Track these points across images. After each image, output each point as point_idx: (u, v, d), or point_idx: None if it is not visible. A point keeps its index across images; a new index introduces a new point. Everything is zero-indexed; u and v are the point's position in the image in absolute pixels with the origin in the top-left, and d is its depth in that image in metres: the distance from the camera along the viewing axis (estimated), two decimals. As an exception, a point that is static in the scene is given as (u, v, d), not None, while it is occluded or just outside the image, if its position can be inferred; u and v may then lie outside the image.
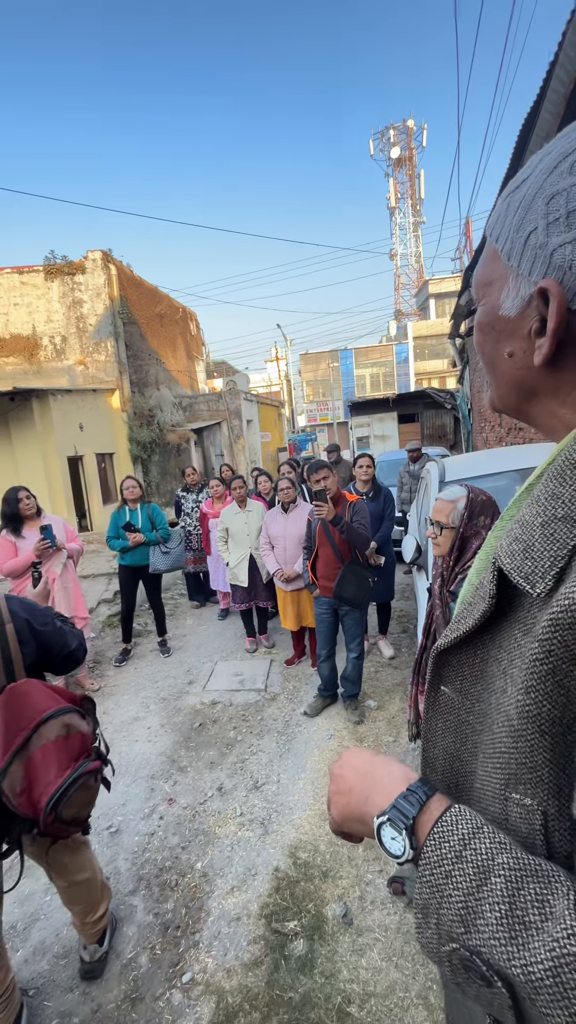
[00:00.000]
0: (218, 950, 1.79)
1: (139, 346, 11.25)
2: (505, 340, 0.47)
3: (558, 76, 3.12)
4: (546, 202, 0.40)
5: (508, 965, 0.36)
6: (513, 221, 0.43)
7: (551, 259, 0.40)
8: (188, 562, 5.58)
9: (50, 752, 1.31)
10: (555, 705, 0.38)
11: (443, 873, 0.41)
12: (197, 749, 3.03)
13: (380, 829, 0.47)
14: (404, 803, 0.46)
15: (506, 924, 0.36)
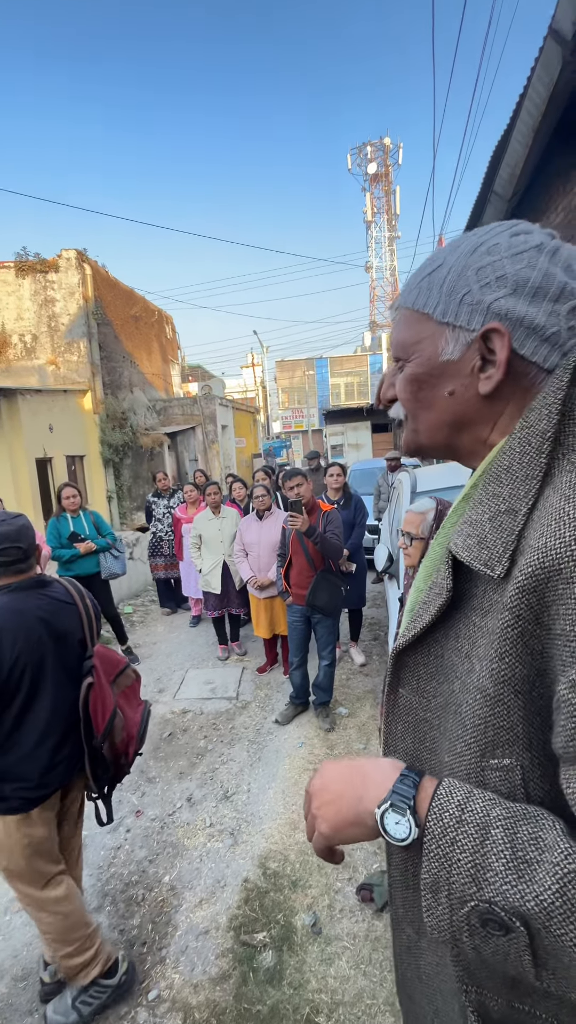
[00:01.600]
0: (185, 965, 1.77)
1: (113, 347, 11.08)
2: (446, 381, 0.56)
3: (527, 109, 3.28)
4: (475, 272, 0.52)
5: (522, 902, 0.40)
6: (444, 289, 0.54)
7: (489, 309, 0.51)
8: (160, 568, 5.51)
9: (130, 694, 1.67)
10: (525, 664, 0.45)
11: (449, 840, 0.44)
12: (166, 759, 2.98)
13: (383, 817, 0.50)
14: (401, 786, 0.50)
15: (512, 867, 0.41)
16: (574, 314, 0.49)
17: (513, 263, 0.50)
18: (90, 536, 4.05)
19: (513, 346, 0.50)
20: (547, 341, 0.50)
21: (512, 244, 0.51)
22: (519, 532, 0.47)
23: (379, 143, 37.55)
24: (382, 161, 37.77)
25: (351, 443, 21.31)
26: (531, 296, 0.49)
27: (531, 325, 0.50)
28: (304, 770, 2.76)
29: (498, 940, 0.42)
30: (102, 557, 4.14)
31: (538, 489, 0.48)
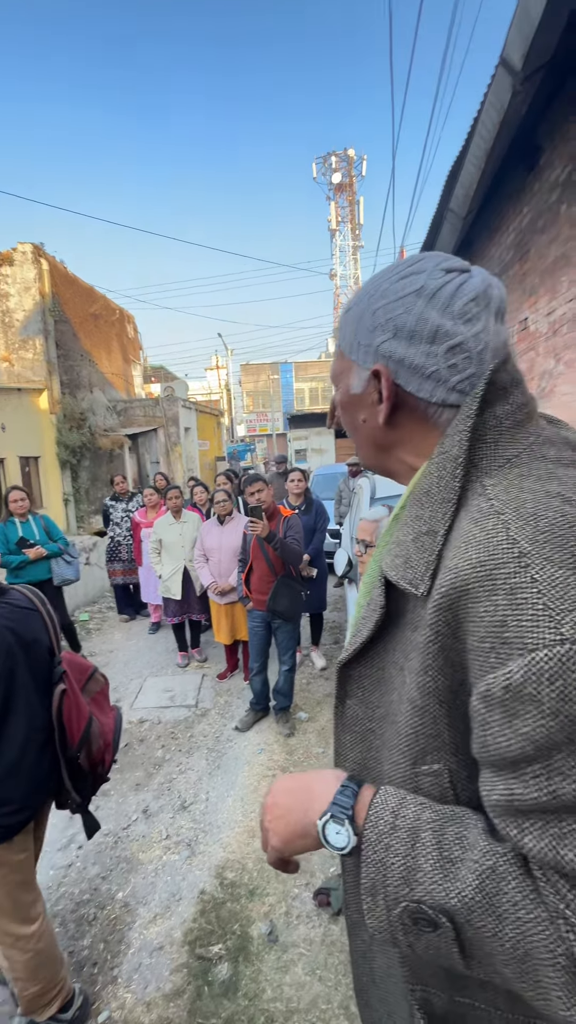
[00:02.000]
0: (138, 983, 1.72)
1: (71, 346, 10.75)
2: (358, 410, 0.62)
3: (480, 133, 3.43)
4: (370, 316, 0.57)
5: (447, 899, 0.43)
6: (350, 331, 0.60)
7: (377, 351, 0.57)
8: (118, 573, 5.37)
9: (100, 699, 1.62)
10: (446, 676, 0.48)
11: (383, 846, 0.48)
12: (122, 771, 2.90)
13: (324, 828, 0.52)
14: (341, 797, 0.52)
15: (439, 867, 0.45)
16: (452, 354, 0.53)
17: (394, 309, 0.55)
18: (40, 541, 3.90)
19: (399, 383, 0.56)
20: (429, 379, 0.54)
21: (395, 290, 0.55)
22: (439, 552, 0.50)
23: (343, 154, 38.27)
24: (346, 172, 38.49)
25: (315, 448, 21.49)
26: (408, 339, 0.54)
27: (411, 365, 0.54)
28: (263, 776, 2.75)
29: (429, 936, 0.45)
30: (54, 563, 4.00)
31: (454, 511, 0.50)
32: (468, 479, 0.51)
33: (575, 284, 3.83)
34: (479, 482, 0.50)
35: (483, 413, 0.51)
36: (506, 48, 2.87)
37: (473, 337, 0.52)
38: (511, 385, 0.52)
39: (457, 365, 0.53)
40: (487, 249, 5.70)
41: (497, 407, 0.52)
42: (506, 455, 0.51)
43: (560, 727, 0.38)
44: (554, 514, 0.43)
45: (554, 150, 3.95)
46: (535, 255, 4.46)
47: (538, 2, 2.48)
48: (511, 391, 0.52)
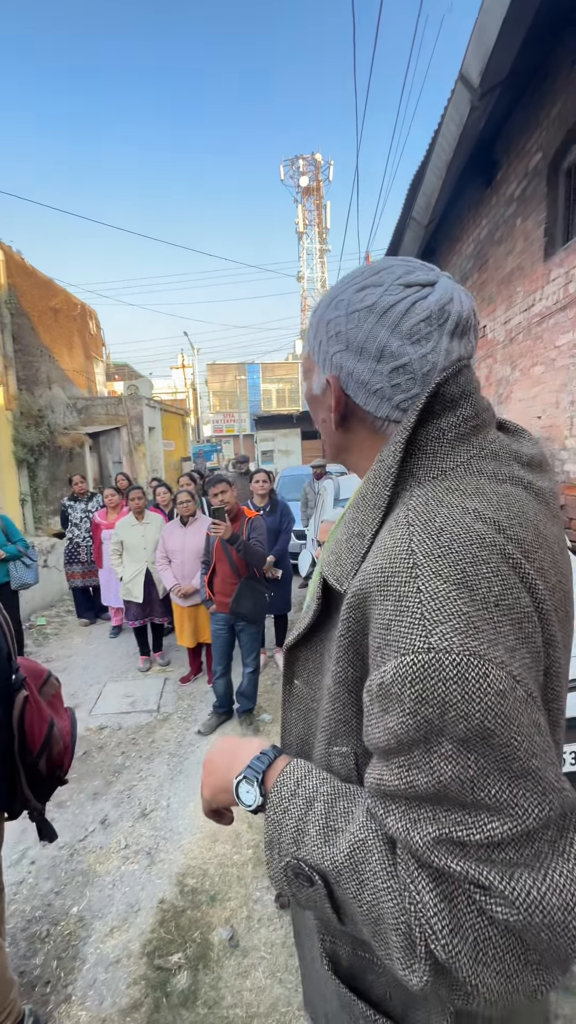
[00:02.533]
0: (93, 1000, 1.66)
1: (29, 340, 10.34)
2: (319, 410, 0.65)
3: (440, 145, 3.53)
4: (325, 325, 0.59)
5: (322, 861, 0.50)
6: (312, 335, 0.62)
7: (331, 360, 0.59)
8: (77, 576, 5.21)
9: (56, 703, 1.58)
10: (355, 667, 0.52)
11: (283, 809, 0.54)
12: (79, 780, 2.80)
13: (238, 786, 0.59)
14: (256, 762, 0.59)
15: (322, 834, 0.51)
16: (396, 374, 0.54)
17: (347, 322, 0.56)
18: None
19: (348, 394, 0.58)
20: (375, 395, 0.56)
21: (351, 302, 0.56)
22: (364, 554, 0.52)
23: (311, 158, 38.57)
24: (313, 175, 38.80)
25: (281, 449, 21.53)
26: (357, 355, 0.56)
27: (359, 380, 0.56)
28: (226, 780, 2.72)
29: (307, 890, 0.52)
30: (12, 566, 3.83)
31: (382, 517, 0.53)
32: (402, 487, 0.53)
33: (529, 295, 4.00)
34: (409, 492, 0.52)
35: (427, 425, 0.53)
36: (464, 65, 2.96)
37: (419, 358, 0.53)
38: (460, 398, 0.53)
39: (400, 385, 0.54)
40: (448, 257, 5.87)
41: (443, 419, 0.53)
42: (442, 467, 0.52)
43: (417, 726, 0.41)
44: (460, 530, 0.45)
45: (510, 166, 4.11)
46: (492, 265, 4.63)
47: (494, 23, 2.58)
48: (459, 404, 0.53)
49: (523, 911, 0.39)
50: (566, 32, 3.12)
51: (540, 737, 0.41)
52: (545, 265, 3.70)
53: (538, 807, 0.40)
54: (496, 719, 0.39)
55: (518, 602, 0.43)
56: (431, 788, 0.42)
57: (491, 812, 0.40)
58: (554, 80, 3.34)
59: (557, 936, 0.40)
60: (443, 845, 0.42)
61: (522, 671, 0.41)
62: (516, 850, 0.41)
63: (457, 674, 0.39)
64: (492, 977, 0.42)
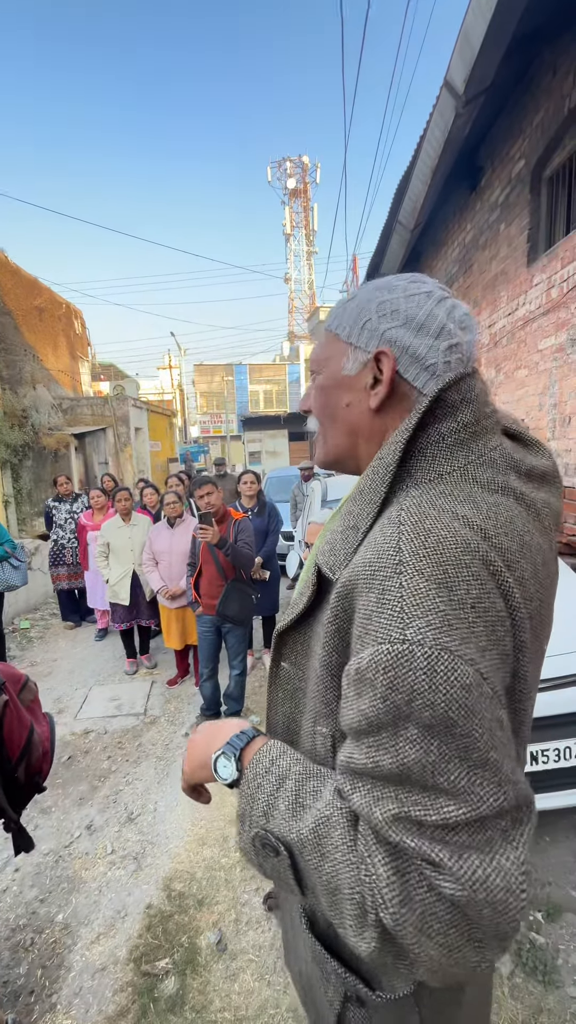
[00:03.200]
0: (79, 1008, 1.64)
1: (13, 339, 10.20)
2: (345, 393, 0.64)
3: (426, 151, 3.57)
4: (376, 305, 0.61)
5: (288, 834, 0.53)
6: (351, 316, 0.63)
7: (383, 336, 0.60)
8: (62, 578, 5.15)
9: (35, 708, 1.52)
10: (340, 653, 0.55)
11: (256, 784, 0.57)
12: (64, 786, 2.77)
13: (216, 761, 0.62)
14: (235, 739, 0.63)
15: (291, 809, 0.54)
16: (450, 351, 0.57)
17: (406, 302, 0.59)
18: (-18, 545, 3.67)
19: (398, 369, 0.59)
20: (426, 370, 0.58)
21: (408, 288, 0.60)
22: (356, 547, 0.55)
23: (298, 160, 38.67)
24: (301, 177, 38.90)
25: (269, 451, 21.53)
26: (416, 330, 0.58)
27: (414, 354, 0.58)
28: (214, 783, 2.71)
29: (272, 860, 0.55)
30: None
31: (377, 513, 0.55)
32: (399, 486, 0.56)
33: (513, 299, 4.06)
34: (406, 491, 0.55)
35: (427, 428, 0.55)
36: (449, 71, 3.00)
37: (468, 343, 0.58)
38: (461, 404, 0.56)
39: (451, 363, 0.58)
40: (434, 262, 5.93)
41: (443, 424, 0.55)
42: (439, 470, 0.55)
43: (387, 710, 0.45)
44: (447, 534, 0.47)
45: (494, 172, 4.17)
46: (477, 270, 4.69)
47: (478, 32, 2.61)
48: (460, 410, 0.56)
49: (468, 888, 0.43)
50: (548, 42, 3.18)
51: (501, 733, 0.44)
52: (528, 270, 3.76)
53: (493, 796, 0.43)
54: (459, 710, 0.42)
55: (493, 606, 0.46)
56: (395, 769, 0.45)
57: (449, 796, 0.43)
58: (536, 89, 3.40)
59: (498, 914, 0.43)
60: (401, 822, 0.45)
61: (490, 670, 0.44)
62: (470, 834, 0.44)
63: (427, 666, 0.42)
64: (435, 948, 0.45)
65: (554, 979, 1.61)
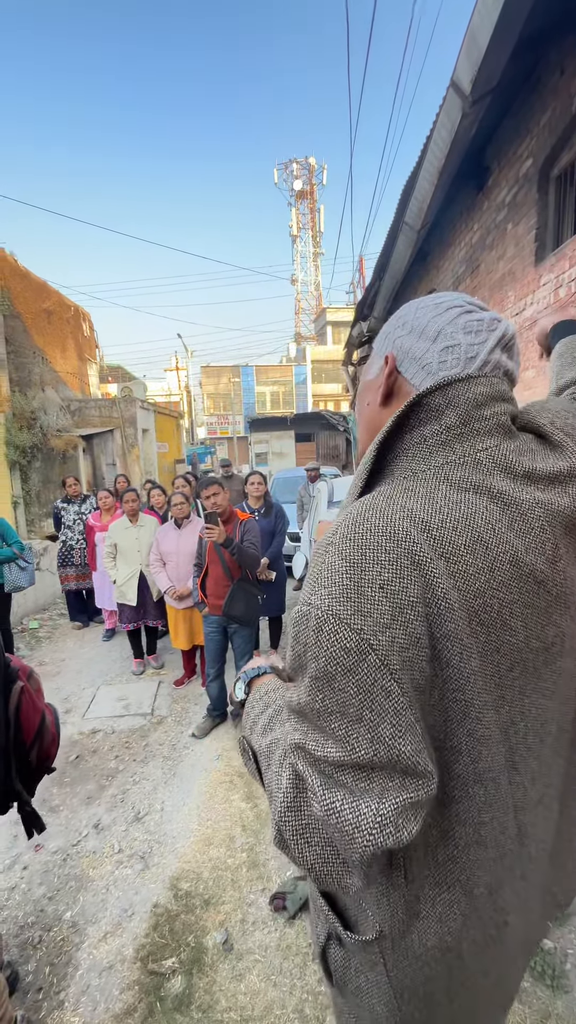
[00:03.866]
0: (86, 1006, 1.65)
1: (22, 342, 10.29)
2: (367, 394, 0.74)
3: (432, 151, 3.56)
4: (395, 320, 0.71)
5: (256, 745, 0.69)
6: (383, 333, 0.73)
7: (393, 343, 0.69)
8: (70, 579, 5.18)
9: (39, 695, 1.61)
10: None
11: (251, 705, 0.77)
12: (72, 785, 2.79)
13: (236, 684, 0.86)
14: (251, 671, 0.85)
15: (263, 728, 0.70)
16: (446, 352, 0.63)
17: (415, 314, 0.67)
18: (-10, 545, 3.71)
19: (399, 368, 0.67)
20: (423, 368, 0.64)
21: (422, 303, 0.68)
22: None
23: (304, 162, 38.72)
24: (307, 179, 38.95)
25: (275, 452, 21.54)
26: (417, 335, 0.65)
27: (413, 355, 0.66)
28: (220, 783, 2.72)
29: (249, 763, 0.71)
30: (6, 568, 3.81)
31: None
32: (377, 483, 0.63)
33: (520, 299, 4.04)
34: (379, 487, 0.61)
35: (412, 431, 0.61)
36: (456, 71, 2.99)
37: (467, 345, 0.62)
38: (446, 408, 0.59)
39: (447, 363, 0.62)
40: (441, 262, 5.91)
41: (426, 427, 0.60)
42: (413, 468, 0.60)
43: (294, 657, 0.55)
44: (378, 521, 0.53)
45: (501, 172, 4.16)
46: (484, 270, 4.67)
47: (485, 31, 2.61)
48: (444, 414, 0.59)
49: (324, 811, 0.53)
50: (554, 42, 3.17)
51: (384, 699, 0.49)
52: (536, 270, 3.74)
53: (365, 749, 0.50)
54: (338, 667, 0.50)
55: (405, 591, 0.50)
56: (298, 707, 0.55)
57: (332, 740, 0.52)
58: (543, 88, 3.39)
59: (346, 842, 0.52)
60: (300, 751, 0.56)
61: (387, 645, 0.49)
62: (354, 779, 0.52)
63: (316, 626, 0.51)
64: (313, 857, 0.57)
65: (562, 984, 1.59)
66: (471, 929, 0.63)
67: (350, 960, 0.70)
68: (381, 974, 0.67)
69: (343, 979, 0.73)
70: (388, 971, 0.66)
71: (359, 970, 0.69)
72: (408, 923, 0.63)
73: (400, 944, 0.64)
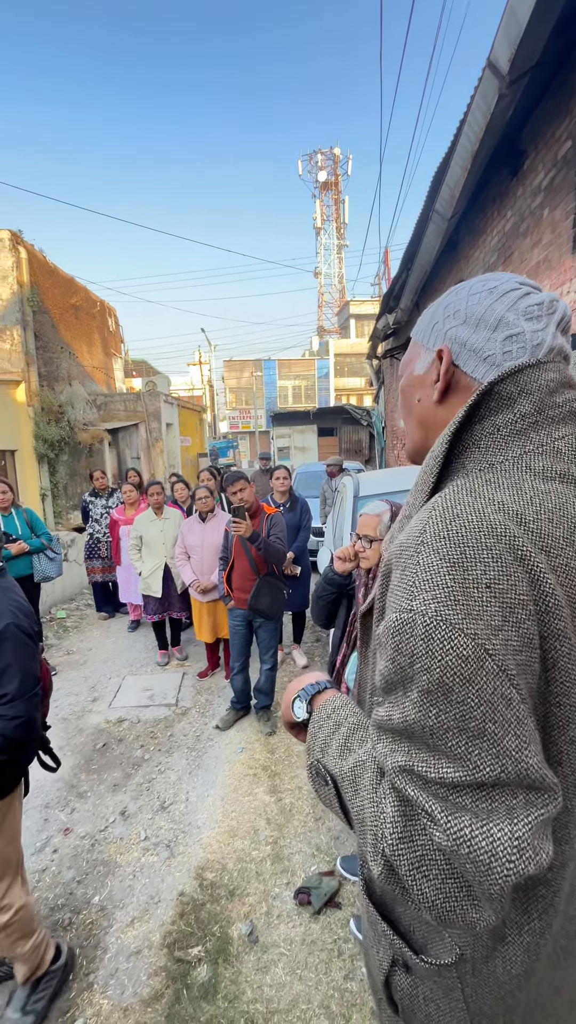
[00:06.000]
0: (115, 989, 1.68)
1: (50, 337, 10.49)
2: (417, 391, 0.70)
3: (466, 135, 3.45)
4: (444, 308, 0.66)
5: (334, 768, 0.63)
6: (426, 322, 0.69)
7: (445, 335, 0.65)
8: (96, 571, 5.28)
9: (46, 665, 1.67)
10: None
11: (319, 725, 0.70)
12: (99, 771, 2.84)
13: (293, 703, 0.77)
14: (310, 687, 0.77)
15: (339, 750, 0.64)
16: (509, 341, 0.59)
17: (467, 301, 0.63)
18: (23, 536, 3.79)
19: (457, 363, 0.63)
20: (484, 361, 0.61)
21: (472, 287, 0.64)
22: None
23: (329, 152, 38.23)
24: (332, 170, 38.46)
25: (297, 446, 21.51)
26: (474, 326, 0.61)
27: (472, 347, 0.61)
28: (244, 776, 2.73)
29: (324, 788, 0.65)
30: (35, 559, 3.89)
31: (424, 501, 0.59)
32: (449, 477, 0.59)
33: (556, 287, 3.89)
34: (454, 481, 0.57)
35: (483, 420, 0.57)
36: (493, 51, 2.88)
37: (531, 332, 0.59)
38: (519, 395, 0.56)
39: (512, 352, 0.59)
40: (471, 251, 5.75)
41: (498, 416, 0.57)
42: (490, 460, 0.57)
43: (394, 671, 0.51)
44: (473, 517, 0.50)
45: (537, 155, 4.00)
46: (518, 258, 4.52)
47: (525, 8, 2.50)
48: (517, 401, 0.56)
49: (452, 841, 0.47)
50: (599, 15, 3.01)
51: (505, 709, 0.46)
52: (573, 257, 3.59)
53: (489, 766, 0.45)
54: (454, 678, 0.45)
55: (513, 588, 0.47)
56: (402, 725, 0.50)
57: (448, 759, 0.47)
58: (585, 65, 3.23)
59: (480, 874, 0.46)
60: (407, 774, 0.51)
61: (501, 648, 0.45)
62: (473, 799, 0.47)
63: (424, 633, 0.47)
64: (431, 891, 0.50)
65: None
66: (560, 955, 0.59)
67: (418, 987, 0.65)
68: (457, 1000, 0.62)
69: (411, 1008, 0.67)
70: (466, 998, 0.61)
71: (429, 998, 0.64)
72: (492, 948, 0.58)
73: (482, 970, 0.59)
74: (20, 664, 1.35)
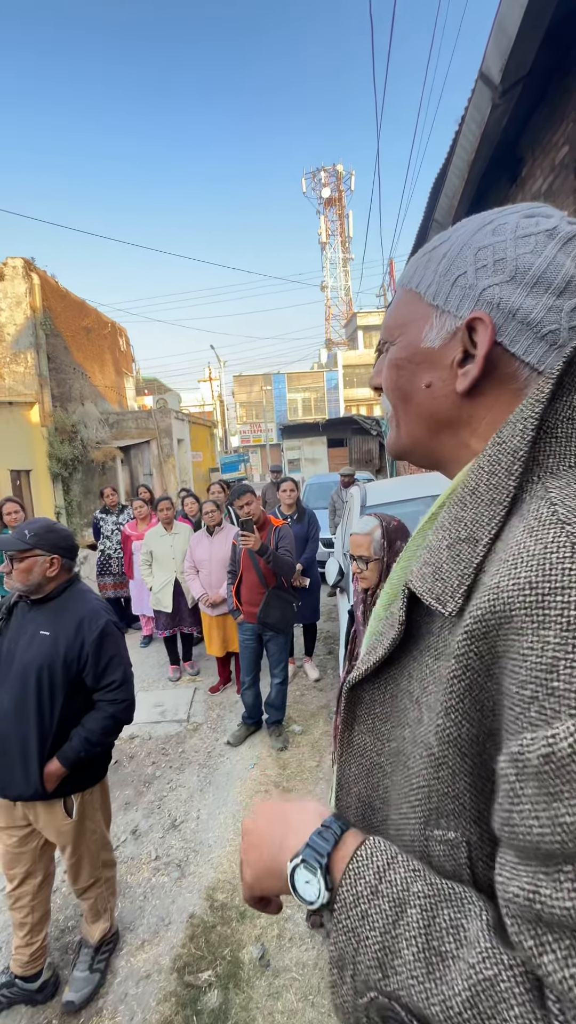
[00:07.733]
0: (124, 1015, 1.65)
1: (63, 359, 10.76)
2: (424, 371, 0.49)
3: (462, 145, 3.48)
4: (474, 253, 0.45)
5: (427, 1004, 0.34)
6: (439, 268, 0.48)
7: (480, 296, 0.45)
8: (108, 587, 5.31)
9: None
10: (473, 723, 0.38)
11: (359, 913, 0.39)
12: (111, 790, 2.82)
13: (294, 873, 0.43)
14: (319, 840, 0.44)
15: (423, 959, 0.35)
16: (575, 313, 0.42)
17: (517, 246, 0.43)
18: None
19: (502, 341, 0.44)
20: (543, 339, 0.43)
21: (520, 225, 0.44)
22: (478, 565, 0.40)
23: (332, 169, 38.94)
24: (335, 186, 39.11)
25: (308, 458, 21.58)
26: (531, 286, 0.43)
27: (525, 319, 0.43)
28: (256, 792, 2.69)
29: None
30: (46, 576, 3.93)
31: (504, 516, 0.41)
32: (527, 478, 0.41)
33: (559, 292, 3.86)
34: (542, 483, 0.40)
35: (555, 401, 0.41)
36: (485, 62, 2.92)
37: None
38: None
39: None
40: (473, 259, 5.76)
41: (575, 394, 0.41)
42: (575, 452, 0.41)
43: None
44: None
45: (535, 161, 4.02)
46: (520, 264, 4.51)
47: (513, 20, 2.53)
48: None
49: None
50: (591, 22, 3.03)
51: None
52: None
53: None
54: None
55: None
56: None
57: None
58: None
59: None
60: None
61: None
62: None
63: None
64: None
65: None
66: None
67: None
68: None
69: None
70: None
71: None
72: None
73: None
74: (120, 654, 1.60)
